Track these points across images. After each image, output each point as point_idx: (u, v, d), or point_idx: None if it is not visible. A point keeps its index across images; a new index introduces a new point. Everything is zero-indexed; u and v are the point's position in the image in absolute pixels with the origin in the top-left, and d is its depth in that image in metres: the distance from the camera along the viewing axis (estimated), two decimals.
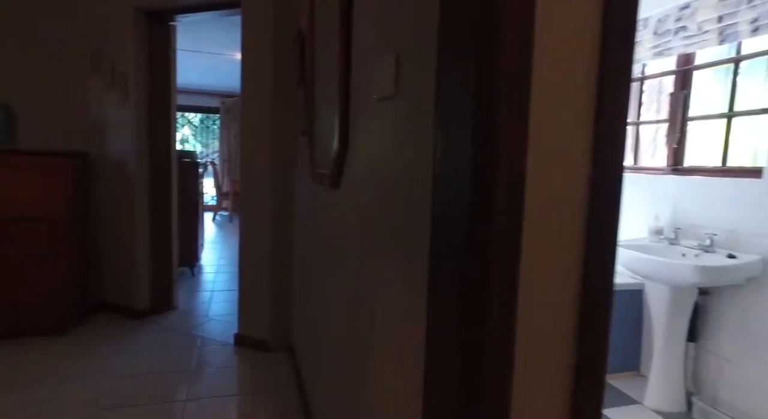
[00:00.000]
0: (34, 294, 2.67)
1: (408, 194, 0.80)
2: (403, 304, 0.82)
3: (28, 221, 2.63)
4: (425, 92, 0.74)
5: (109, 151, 3.09)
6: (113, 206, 3.12)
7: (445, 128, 0.58)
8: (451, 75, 0.57)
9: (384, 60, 0.92)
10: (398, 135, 0.86)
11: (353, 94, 1.22)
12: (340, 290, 1.37)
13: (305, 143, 2.05)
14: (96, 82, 3.09)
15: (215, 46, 5.50)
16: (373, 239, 1.02)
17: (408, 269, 0.78)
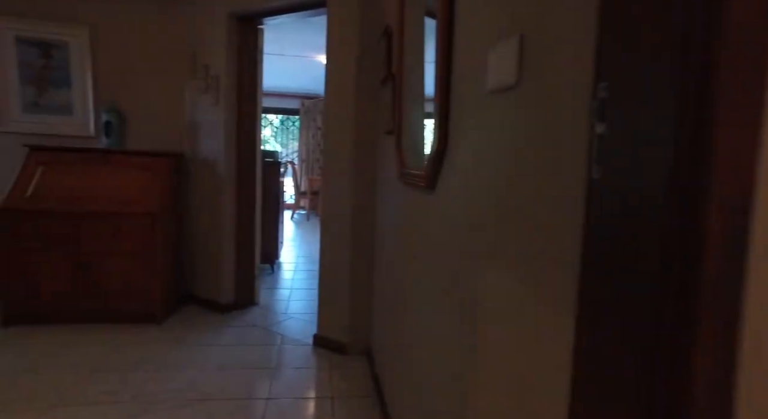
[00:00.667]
0: (135, 285, 2.86)
1: (540, 201, 0.67)
2: (530, 322, 0.69)
3: (132, 217, 2.82)
4: (565, 79, 0.61)
5: (200, 151, 3.24)
6: (202, 204, 3.27)
7: (625, 121, 0.44)
8: (634, 54, 0.43)
9: (503, 45, 0.79)
10: (522, 131, 0.73)
11: (455, 88, 1.10)
12: (433, 299, 1.26)
13: (392, 143, 1.96)
14: (192, 85, 3.25)
15: (298, 48, 5.65)
16: (481, 248, 0.90)
17: (544, 287, 0.66)
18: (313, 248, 5.49)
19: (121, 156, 3.01)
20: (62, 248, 2.78)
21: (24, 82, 3.10)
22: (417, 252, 1.46)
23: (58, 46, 3.11)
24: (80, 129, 3.20)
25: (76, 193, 2.84)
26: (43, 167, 2.90)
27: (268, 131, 9.75)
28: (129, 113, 3.25)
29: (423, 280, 1.36)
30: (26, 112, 3.13)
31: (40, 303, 2.80)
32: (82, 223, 2.79)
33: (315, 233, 6.54)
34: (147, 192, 2.91)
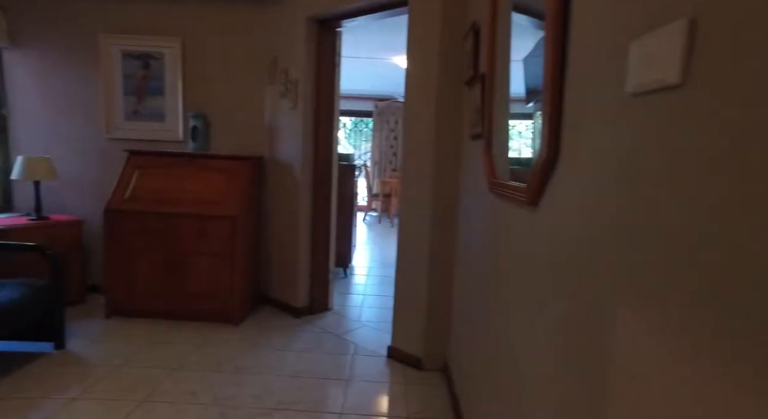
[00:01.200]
0: (217, 285, 2.94)
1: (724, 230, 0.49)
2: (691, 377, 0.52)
3: (215, 219, 2.90)
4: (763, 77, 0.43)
5: (278, 154, 3.28)
6: (279, 207, 3.30)
7: None
8: None
9: (657, 34, 0.62)
10: (693, 142, 0.56)
11: (571, 88, 0.93)
12: (536, 337, 1.09)
13: (479, 149, 1.80)
14: (272, 90, 3.30)
15: (372, 50, 5.62)
16: (607, 280, 0.73)
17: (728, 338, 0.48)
18: (385, 253, 5.43)
19: (206, 160, 3.12)
20: (155, 248, 2.93)
21: (127, 92, 3.33)
22: (512, 274, 1.30)
23: (155, 57, 3.30)
24: (171, 134, 3.37)
25: (166, 195, 2.98)
26: (139, 170, 3.08)
27: (341, 133, 9.91)
28: (213, 118, 3.37)
29: (522, 311, 1.20)
30: (127, 119, 3.36)
31: (136, 298, 2.98)
32: (172, 224, 2.92)
33: (387, 237, 6.50)
34: (229, 195, 2.99)
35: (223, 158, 3.14)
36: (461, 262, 2.23)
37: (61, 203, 3.40)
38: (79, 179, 3.39)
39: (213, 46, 3.32)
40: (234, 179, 3.06)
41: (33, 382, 2.20)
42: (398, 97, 8.24)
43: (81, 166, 3.39)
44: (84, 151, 3.38)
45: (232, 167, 3.11)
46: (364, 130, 9.45)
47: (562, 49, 0.96)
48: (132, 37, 3.27)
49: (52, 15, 3.26)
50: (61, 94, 3.33)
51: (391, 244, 5.96)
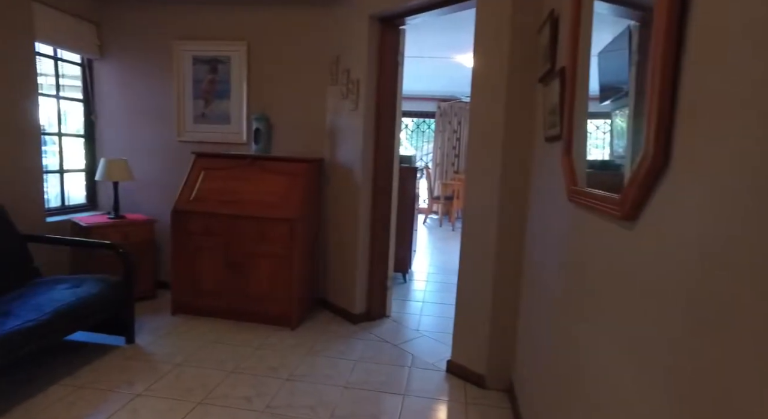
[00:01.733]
0: (275, 288, 2.94)
1: None
2: None
3: (274, 222, 2.90)
4: None
5: (339, 156, 3.23)
6: (339, 210, 3.25)
7: None
8: None
9: None
10: None
11: (689, 82, 0.74)
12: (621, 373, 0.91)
13: (556, 152, 1.61)
14: (333, 91, 3.26)
15: (436, 49, 5.46)
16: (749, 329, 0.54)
17: None
18: (446, 258, 5.25)
19: (267, 162, 3.13)
20: (218, 248, 2.98)
21: (196, 97, 3.44)
22: (595, 302, 1.11)
23: (222, 61, 3.37)
24: (235, 136, 3.44)
25: (229, 196, 3.03)
26: (204, 172, 3.16)
27: (402, 135, 9.82)
28: (276, 120, 3.38)
29: (607, 347, 1.01)
30: (196, 122, 3.47)
31: (200, 297, 3.05)
32: (234, 225, 2.95)
33: (448, 241, 6.30)
34: (288, 198, 2.98)
35: (284, 160, 3.14)
36: (531, 276, 2.03)
37: (137, 202, 3.57)
38: (153, 180, 3.55)
39: (277, 49, 3.33)
40: (294, 182, 3.05)
41: (105, 374, 2.29)
42: (462, 97, 8.01)
43: (155, 167, 3.55)
44: (158, 153, 3.53)
45: (293, 169, 3.10)
46: (426, 131, 9.30)
47: (678, 26, 0.77)
48: (202, 43, 3.37)
49: (134, 27, 3.44)
50: (140, 101, 3.51)
51: (452, 249, 5.77)
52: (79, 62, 3.47)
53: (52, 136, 3.33)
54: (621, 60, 1.47)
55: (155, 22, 3.42)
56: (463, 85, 7.57)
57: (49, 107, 3.29)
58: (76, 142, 3.53)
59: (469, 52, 5.31)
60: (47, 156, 3.27)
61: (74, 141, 3.52)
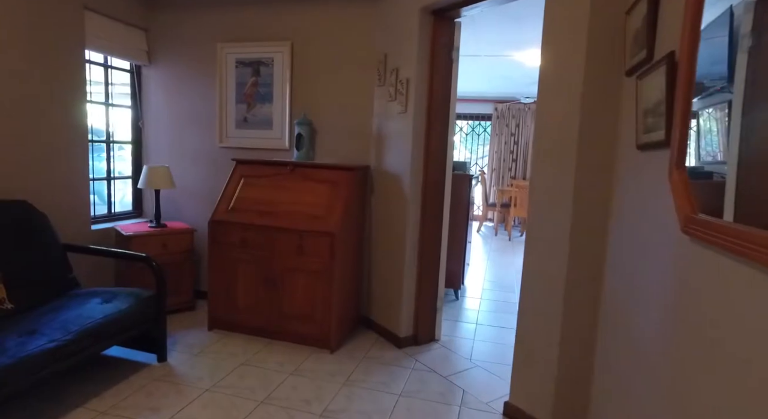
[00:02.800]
0: (314, 306, 2.71)
1: None
2: None
3: (314, 235, 2.67)
4: None
5: (386, 164, 2.96)
6: (385, 222, 2.97)
7: None
8: None
9: None
10: None
11: None
12: None
13: (661, 163, 1.24)
14: (380, 92, 2.99)
15: (494, 46, 5.06)
16: None
17: None
18: (501, 272, 4.83)
19: (308, 169, 2.92)
20: (255, 262, 2.80)
21: (238, 101, 3.30)
22: (739, 370, 0.75)
23: (265, 63, 3.21)
24: (277, 142, 3.26)
25: (267, 206, 2.84)
26: (244, 180, 2.99)
27: (456, 138, 9.41)
28: (319, 125, 3.17)
29: None
30: (237, 128, 3.33)
31: (236, 313, 2.88)
32: (271, 237, 2.76)
33: (504, 252, 5.86)
34: (330, 208, 2.74)
35: (327, 167, 2.91)
36: (610, 311, 1.65)
37: (180, 209, 3.49)
38: (195, 187, 3.46)
39: (321, 48, 3.12)
40: (337, 191, 2.81)
41: (132, 398, 2.15)
42: (521, 98, 7.51)
43: (197, 174, 3.45)
44: (200, 159, 3.43)
45: (336, 178, 2.86)
46: (482, 134, 8.85)
47: None
48: (245, 45, 3.23)
49: (180, 31, 3.36)
50: (184, 106, 3.43)
51: (508, 261, 5.33)
52: (128, 69, 3.44)
53: (101, 143, 3.31)
54: (716, 48, 1.11)
55: (200, 25, 3.32)
56: (521, 86, 7.08)
57: (99, 114, 3.27)
58: (125, 148, 3.51)
59: (529, 48, 4.86)
60: (100, 162, 3.26)
61: (124, 148, 3.50)
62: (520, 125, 8.13)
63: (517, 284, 4.38)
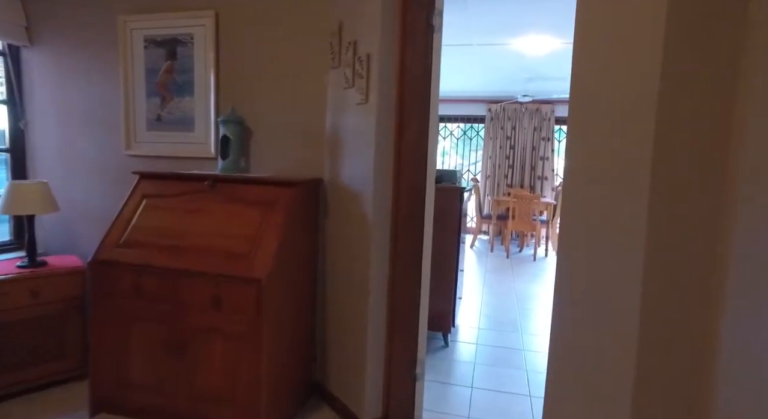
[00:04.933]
0: (236, 381, 1.86)
1: None
2: None
3: (235, 282, 1.83)
4: None
5: (344, 174, 2.13)
6: (343, 255, 2.14)
7: None
8: None
9: None
10: None
11: None
12: None
13: None
14: (334, 77, 2.17)
15: (488, 33, 4.27)
16: None
17: None
18: (500, 301, 4.00)
19: (234, 185, 2.09)
20: (155, 319, 1.95)
21: (150, 93, 2.46)
22: None
23: (183, 42, 2.38)
24: (201, 148, 2.43)
25: (174, 240, 1.99)
26: (146, 200, 2.15)
27: (447, 143, 8.61)
28: (255, 124, 2.34)
29: None
30: (150, 129, 2.49)
31: (129, 391, 2.02)
32: (178, 285, 1.91)
33: (502, 273, 5.03)
34: (258, 243, 1.90)
35: (259, 182, 2.08)
36: None
37: (73, 240, 2.64)
38: (95, 209, 2.61)
39: (256, 19, 2.30)
40: (270, 216, 1.97)
41: None
42: (517, 96, 6.72)
43: (97, 191, 2.60)
44: (101, 172, 2.58)
45: (271, 197, 2.02)
46: (475, 137, 8.06)
47: None
48: (155, 17, 2.40)
49: (71, 1, 2.52)
50: (78, 101, 2.58)
51: (508, 286, 4.50)
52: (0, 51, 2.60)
53: None
54: None
55: None
56: (519, 82, 6.30)
57: None
58: None
59: (528, 33, 4.06)
60: None
61: None
62: (516, 128, 7.36)
63: (520, 320, 3.56)
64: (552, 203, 6.26)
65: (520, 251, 6.54)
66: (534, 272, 5.27)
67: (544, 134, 7.24)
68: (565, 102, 7.27)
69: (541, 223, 6.16)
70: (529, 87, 6.50)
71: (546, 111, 7.19)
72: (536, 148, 7.30)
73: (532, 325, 3.47)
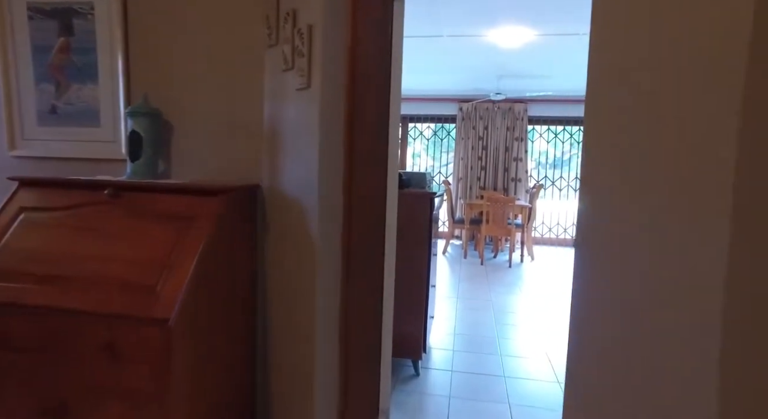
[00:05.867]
0: None
1: None
2: None
3: (134, 324, 1.37)
4: None
5: (285, 179, 1.70)
6: (283, 284, 1.71)
7: None
8: None
9: None
10: None
11: None
12: None
13: None
14: (273, 55, 1.74)
15: (458, 22, 3.93)
16: None
17: None
18: (477, 318, 3.64)
19: (142, 195, 1.62)
20: (26, 374, 1.46)
21: (40, 78, 1.96)
22: None
23: (80, 13, 1.90)
24: (109, 148, 1.95)
25: (55, 267, 1.51)
26: (25, 214, 1.66)
27: (419, 145, 8.25)
28: (176, 117, 1.88)
29: None
30: (43, 123, 1.99)
31: None
32: (59, 329, 1.44)
33: (477, 283, 4.68)
34: (174, 268, 1.45)
35: (175, 190, 1.62)
36: None
37: None
38: None
39: None
40: (189, 234, 1.52)
41: None
42: (489, 94, 6.43)
43: None
44: None
45: (190, 209, 1.57)
46: (446, 138, 7.74)
47: None
48: None
49: None
50: None
51: (484, 298, 4.15)
52: None
53: None
54: None
55: None
56: (491, 79, 6.00)
57: None
58: None
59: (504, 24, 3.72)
60: None
61: None
62: (489, 127, 7.07)
63: (498, 339, 3.20)
64: (527, 206, 5.98)
65: (495, 257, 6.24)
66: (510, 280, 4.96)
67: (517, 134, 6.98)
68: (538, 101, 7.05)
69: (516, 227, 5.87)
70: (502, 85, 6.22)
71: (519, 110, 6.93)
72: (509, 148, 7.04)
73: (512, 345, 3.11)
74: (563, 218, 7.52)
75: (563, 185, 7.49)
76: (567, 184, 7.49)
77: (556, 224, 7.55)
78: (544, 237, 7.54)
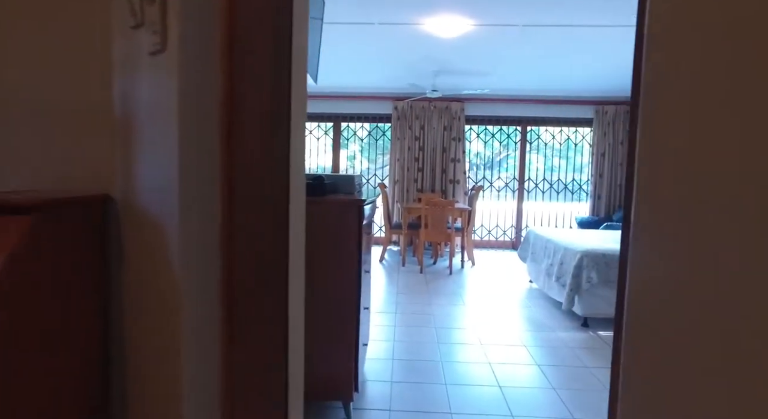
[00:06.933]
0: None
1: None
2: None
3: None
4: None
5: (138, 185, 1.17)
6: (144, 341, 1.18)
7: None
8: None
9: None
10: None
11: None
12: None
13: None
14: (120, 11, 1.21)
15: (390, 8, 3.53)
16: None
17: None
18: (418, 336, 3.25)
19: None
20: None
21: None
22: None
23: None
24: None
25: None
26: None
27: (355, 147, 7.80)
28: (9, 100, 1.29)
29: None
30: None
31: None
32: None
33: (417, 294, 4.30)
34: None
35: None
36: None
37: None
38: None
39: None
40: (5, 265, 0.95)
41: None
42: (426, 92, 6.13)
43: None
44: None
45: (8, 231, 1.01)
46: (381, 138, 7.36)
47: None
48: None
49: None
50: None
51: (425, 311, 3.78)
52: None
53: None
54: None
55: None
56: (427, 76, 5.69)
57: None
58: None
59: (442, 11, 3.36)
60: None
61: None
62: (425, 127, 6.79)
63: (442, 363, 2.83)
64: (467, 209, 5.74)
65: (435, 264, 5.94)
66: (452, 289, 4.64)
67: (454, 134, 6.75)
68: (475, 100, 6.87)
69: (455, 231, 5.60)
70: (438, 82, 5.94)
71: (456, 109, 6.71)
72: (447, 149, 6.80)
73: (458, 370, 2.75)
74: (502, 220, 7.41)
75: (501, 186, 7.39)
76: (505, 185, 7.39)
77: (495, 227, 7.43)
78: (484, 240, 7.38)
